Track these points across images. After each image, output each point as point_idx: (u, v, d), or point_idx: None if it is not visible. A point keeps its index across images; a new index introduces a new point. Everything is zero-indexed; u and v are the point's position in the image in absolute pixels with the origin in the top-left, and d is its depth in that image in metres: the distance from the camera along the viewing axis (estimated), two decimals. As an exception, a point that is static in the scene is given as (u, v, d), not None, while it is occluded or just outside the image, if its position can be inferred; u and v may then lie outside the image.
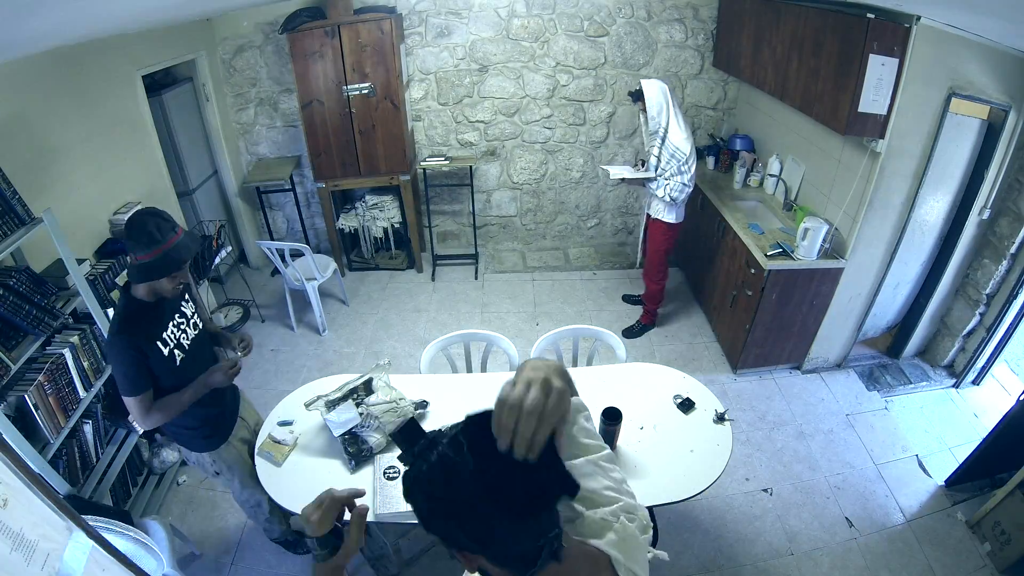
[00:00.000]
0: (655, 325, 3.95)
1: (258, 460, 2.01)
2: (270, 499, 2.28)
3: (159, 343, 1.71)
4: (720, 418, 2.10)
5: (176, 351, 1.78)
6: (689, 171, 3.19)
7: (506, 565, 0.73)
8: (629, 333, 3.86)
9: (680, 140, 3.15)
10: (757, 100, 3.99)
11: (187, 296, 1.90)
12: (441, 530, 0.72)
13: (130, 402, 1.69)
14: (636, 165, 3.57)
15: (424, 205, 4.57)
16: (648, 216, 3.53)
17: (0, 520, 0.90)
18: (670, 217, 3.38)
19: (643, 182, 3.35)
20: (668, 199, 3.26)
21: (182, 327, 1.83)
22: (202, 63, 3.85)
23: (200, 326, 1.94)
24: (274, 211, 4.74)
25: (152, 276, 1.60)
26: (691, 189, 3.27)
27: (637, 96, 3.24)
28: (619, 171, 3.47)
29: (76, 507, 1.18)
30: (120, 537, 1.62)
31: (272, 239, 4.68)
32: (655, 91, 3.13)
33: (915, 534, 2.53)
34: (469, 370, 2.70)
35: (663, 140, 3.17)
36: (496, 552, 0.71)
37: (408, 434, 0.74)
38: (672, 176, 3.21)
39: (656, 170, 3.25)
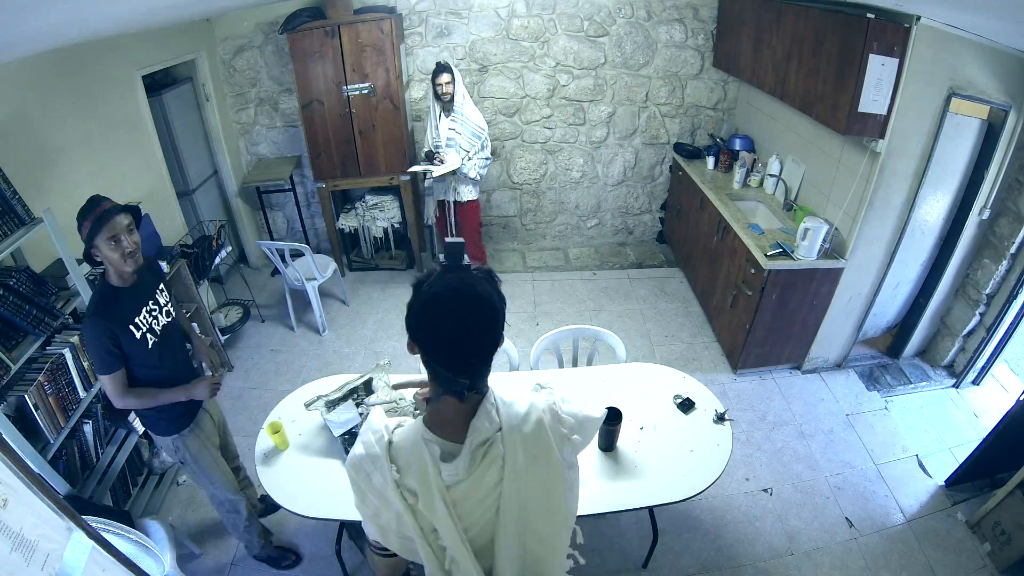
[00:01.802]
0: None
1: (258, 455, 2.00)
2: (250, 508, 2.28)
3: (132, 327, 1.78)
4: (720, 418, 2.10)
5: (148, 335, 1.84)
6: (489, 144, 3.50)
7: (430, 370, 0.94)
8: None
9: (478, 117, 3.43)
10: (757, 100, 3.99)
11: (162, 287, 1.98)
12: (410, 320, 0.92)
13: (103, 379, 1.79)
14: (432, 161, 3.54)
15: (424, 205, 4.57)
16: (454, 203, 3.70)
17: (0, 520, 0.90)
18: (477, 193, 3.70)
19: (455, 171, 3.50)
20: (478, 176, 3.53)
21: (154, 314, 1.90)
22: (202, 63, 3.85)
23: (172, 315, 2.00)
24: (274, 211, 4.74)
25: (92, 239, 1.69)
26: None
27: (440, 70, 3.29)
28: (439, 169, 3.46)
29: (76, 507, 1.18)
30: (121, 539, 1.62)
31: (272, 239, 4.68)
32: (458, 73, 3.32)
33: (915, 534, 2.53)
34: (469, 370, 2.70)
35: (463, 120, 3.39)
36: (428, 352, 0.92)
37: (456, 255, 0.99)
38: (477, 153, 3.46)
39: (464, 153, 3.47)
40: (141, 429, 2.53)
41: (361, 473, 0.98)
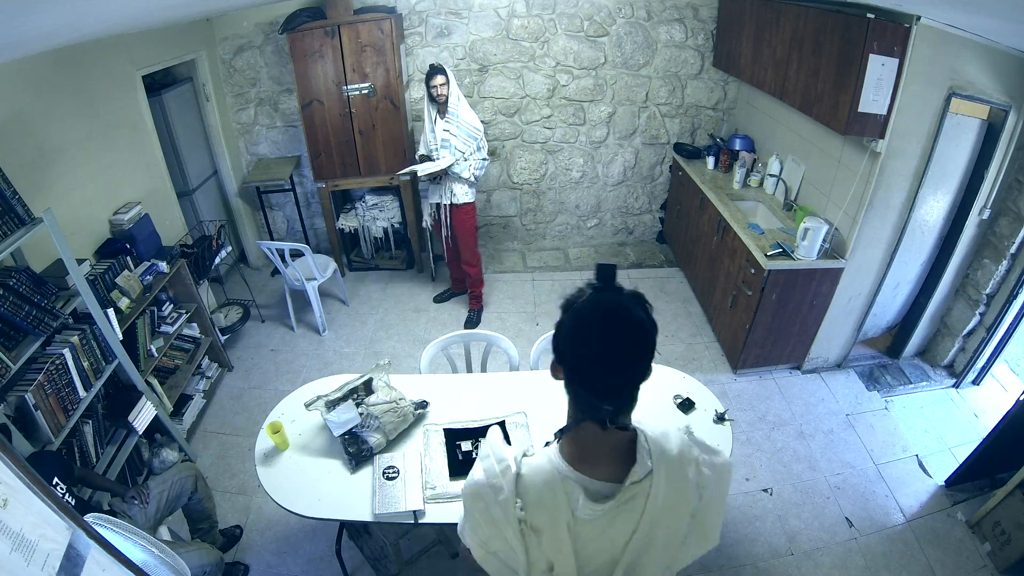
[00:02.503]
0: (483, 307, 4.13)
1: (258, 455, 2.01)
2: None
3: None
4: (720, 418, 2.10)
5: None
6: (486, 145, 3.46)
7: (573, 394, 0.93)
8: (469, 324, 3.97)
9: (473, 118, 3.38)
10: (757, 100, 3.99)
11: None
12: (558, 340, 0.90)
13: None
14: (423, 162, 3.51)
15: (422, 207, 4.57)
16: (448, 206, 3.59)
17: (0, 520, 0.90)
18: (472, 196, 3.60)
19: (447, 170, 3.39)
20: (473, 178, 3.46)
21: None
22: (202, 63, 3.85)
23: None
24: (274, 211, 4.74)
25: None
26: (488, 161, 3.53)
27: (434, 72, 3.22)
28: (426, 167, 3.38)
29: (76, 507, 1.18)
30: (121, 537, 1.62)
31: (272, 239, 4.68)
32: (452, 74, 3.29)
33: (915, 534, 2.53)
34: (469, 370, 2.70)
35: (458, 122, 3.33)
36: (575, 371, 0.90)
37: (609, 276, 0.90)
38: (472, 154, 3.41)
39: (456, 154, 3.39)
40: (142, 429, 2.53)
41: (479, 503, 0.94)
